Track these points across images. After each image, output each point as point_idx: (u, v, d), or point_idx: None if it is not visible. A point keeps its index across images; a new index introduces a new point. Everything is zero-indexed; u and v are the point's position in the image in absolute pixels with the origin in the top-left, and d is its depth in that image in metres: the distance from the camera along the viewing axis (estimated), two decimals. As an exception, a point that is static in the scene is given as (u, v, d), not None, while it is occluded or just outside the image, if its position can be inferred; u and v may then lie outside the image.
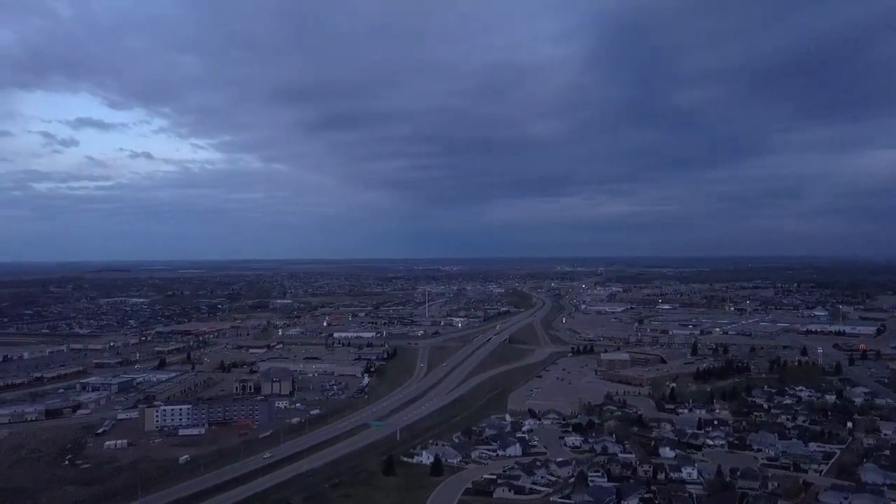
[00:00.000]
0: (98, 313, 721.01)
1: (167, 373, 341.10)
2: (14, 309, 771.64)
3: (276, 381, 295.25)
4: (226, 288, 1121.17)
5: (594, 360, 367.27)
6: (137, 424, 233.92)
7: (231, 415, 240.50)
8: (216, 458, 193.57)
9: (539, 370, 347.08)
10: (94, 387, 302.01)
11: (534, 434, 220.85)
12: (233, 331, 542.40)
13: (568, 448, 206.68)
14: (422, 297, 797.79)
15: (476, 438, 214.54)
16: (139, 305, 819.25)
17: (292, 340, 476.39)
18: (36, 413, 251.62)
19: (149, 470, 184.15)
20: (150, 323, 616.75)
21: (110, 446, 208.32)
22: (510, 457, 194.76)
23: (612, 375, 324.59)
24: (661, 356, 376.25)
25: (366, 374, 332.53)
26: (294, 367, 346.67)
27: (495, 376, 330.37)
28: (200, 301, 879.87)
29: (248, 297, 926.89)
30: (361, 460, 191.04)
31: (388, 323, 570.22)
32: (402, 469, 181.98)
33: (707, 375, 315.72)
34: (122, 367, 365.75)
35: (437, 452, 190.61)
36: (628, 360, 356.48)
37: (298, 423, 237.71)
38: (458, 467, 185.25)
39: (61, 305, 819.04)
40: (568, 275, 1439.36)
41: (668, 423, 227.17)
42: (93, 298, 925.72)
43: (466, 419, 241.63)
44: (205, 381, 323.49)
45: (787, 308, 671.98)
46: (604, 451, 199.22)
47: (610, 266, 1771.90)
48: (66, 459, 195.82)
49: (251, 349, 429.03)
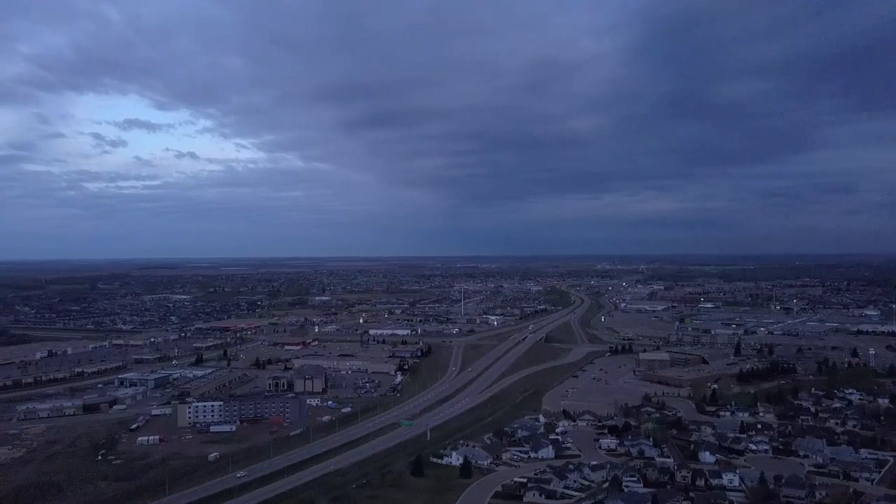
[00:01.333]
0: (141, 310, 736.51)
1: (203, 369, 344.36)
2: (62, 305, 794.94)
3: (309, 379, 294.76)
4: (266, 285, 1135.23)
5: (633, 360, 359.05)
6: (171, 420, 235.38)
7: (262, 412, 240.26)
8: (245, 456, 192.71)
9: (575, 370, 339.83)
10: (132, 382, 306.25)
11: (567, 436, 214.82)
12: (270, 327, 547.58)
13: (603, 451, 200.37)
14: (458, 295, 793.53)
15: (507, 440, 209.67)
16: (181, 302, 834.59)
17: (328, 337, 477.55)
18: (74, 408, 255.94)
19: (178, 467, 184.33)
20: (190, 319, 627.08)
21: (143, 442, 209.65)
22: (542, 459, 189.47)
23: (650, 376, 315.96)
24: (703, 356, 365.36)
25: (399, 372, 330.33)
26: (328, 365, 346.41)
27: (530, 376, 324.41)
28: (241, 298, 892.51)
29: (288, 295, 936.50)
30: (390, 460, 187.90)
31: (423, 320, 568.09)
32: (431, 470, 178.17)
33: (751, 377, 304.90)
34: (160, 363, 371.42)
35: (466, 454, 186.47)
36: (668, 360, 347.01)
37: (329, 421, 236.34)
38: (489, 469, 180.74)
39: (107, 302, 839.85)
40: (608, 273, 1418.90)
41: (708, 427, 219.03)
42: (137, 295, 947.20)
43: (498, 419, 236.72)
44: (239, 377, 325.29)
45: (836, 307, 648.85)
46: (640, 454, 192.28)
47: (651, 264, 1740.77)
48: (100, 454, 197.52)
49: (287, 346, 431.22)
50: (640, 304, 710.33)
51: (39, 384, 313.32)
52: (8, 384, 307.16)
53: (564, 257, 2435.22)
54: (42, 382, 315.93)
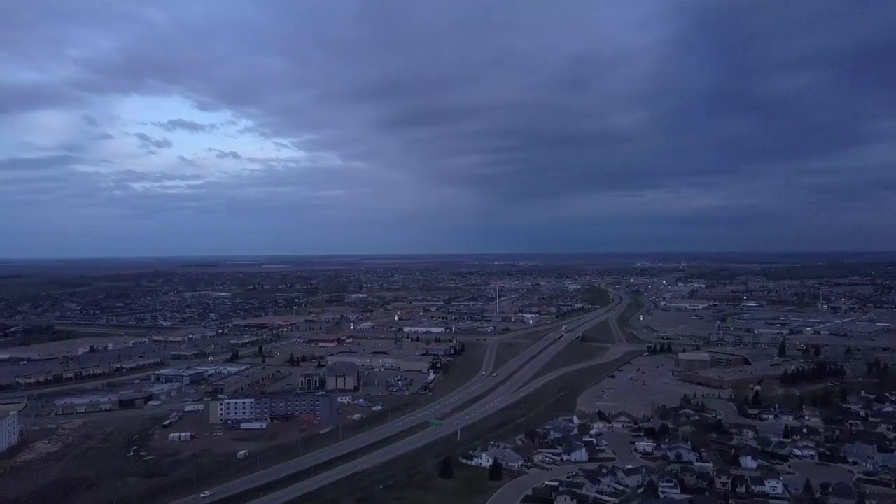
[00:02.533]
0: (182, 306, 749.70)
1: (238, 366, 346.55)
2: (107, 302, 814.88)
3: (341, 376, 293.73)
4: (304, 282, 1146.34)
5: (672, 360, 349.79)
6: (203, 417, 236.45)
7: (293, 410, 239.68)
8: (274, 454, 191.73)
9: (612, 370, 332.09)
10: (168, 378, 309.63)
11: (602, 438, 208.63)
12: (306, 324, 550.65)
13: (638, 454, 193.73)
14: (494, 293, 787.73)
15: (540, 441, 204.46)
16: (221, 299, 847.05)
17: (363, 335, 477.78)
18: (110, 403, 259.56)
19: (207, 464, 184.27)
20: (229, 316, 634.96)
21: (174, 438, 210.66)
22: (575, 462, 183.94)
23: (690, 376, 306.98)
24: (745, 357, 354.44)
25: (431, 370, 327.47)
26: (361, 362, 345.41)
27: (564, 375, 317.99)
28: (279, 295, 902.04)
29: (326, 292, 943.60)
30: (418, 461, 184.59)
31: (458, 318, 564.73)
32: (460, 471, 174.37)
33: (796, 379, 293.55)
34: (196, 360, 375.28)
35: (496, 455, 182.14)
36: (708, 361, 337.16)
37: (359, 419, 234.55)
38: (519, 471, 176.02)
39: (149, 299, 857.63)
40: (648, 271, 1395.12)
41: (750, 430, 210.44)
42: (179, 292, 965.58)
43: (531, 420, 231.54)
44: (272, 374, 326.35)
45: (888, 307, 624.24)
46: (678, 458, 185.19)
47: (692, 262, 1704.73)
48: (132, 450, 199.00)
49: (321, 343, 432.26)
50: (680, 303, 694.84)
51: (79, 379, 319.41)
52: (49, 379, 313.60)
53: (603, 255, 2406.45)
54: (82, 377, 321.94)
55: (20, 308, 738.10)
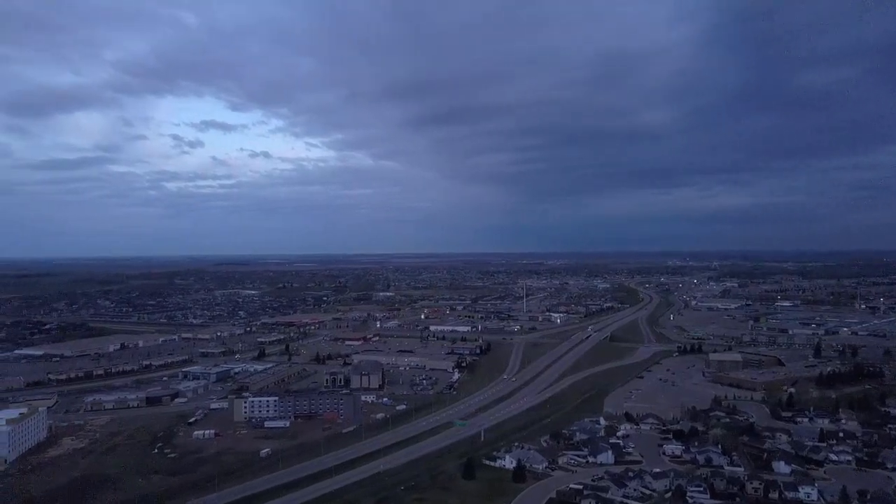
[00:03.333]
0: (212, 304, 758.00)
1: (264, 363, 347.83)
2: (140, 299, 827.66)
3: (366, 375, 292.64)
4: (333, 281, 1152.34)
5: (702, 361, 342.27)
6: (228, 415, 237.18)
7: (316, 408, 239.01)
8: (296, 453, 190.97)
9: (640, 370, 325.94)
10: (195, 376, 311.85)
11: (629, 440, 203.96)
12: (334, 322, 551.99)
13: (667, 457, 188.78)
14: (521, 292, 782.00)
15: (565, 443, 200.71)
16: (251, 297, 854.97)
17: (389, 333, 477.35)
18: (137, 400, 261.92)
19: (230, 462, 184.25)
20: (258, 314, 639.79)
21: (198, 436, 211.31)
22: (601, 465, 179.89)
23: (721, 378, 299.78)
24: (779, 358, 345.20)
25: (456, 370, 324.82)
26: (386, 360, 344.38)
27: (592, 376, 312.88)
28: (308, 293, 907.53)
29: (354, 290, 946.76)
30: (441, 461, 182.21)
31: (484, 317, 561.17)
32: (483, 473, 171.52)
33: (832, 381, 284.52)
34: (223, 357, 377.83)
35: (520, 456, 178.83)
36: (740, 361, 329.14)
37: (382, 418, 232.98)
38: (543, 474, 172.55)
39: (181, 297, 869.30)
40: (679, 269, 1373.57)
41: (784, 434, 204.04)
42: (210, 290, 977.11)
43: (557, 421, 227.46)
44: (298, 372, 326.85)
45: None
46: (707, 462, 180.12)
47: (724, 261, 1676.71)
48: (156, 447, 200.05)
49: (347, 341, 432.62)
50: (711, 302, 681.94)
51: (109, 376, 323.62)
52: (80, 375, 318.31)
53: (633, 254, 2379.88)
54: (111, 374, 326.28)
55: (56, 305, 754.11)
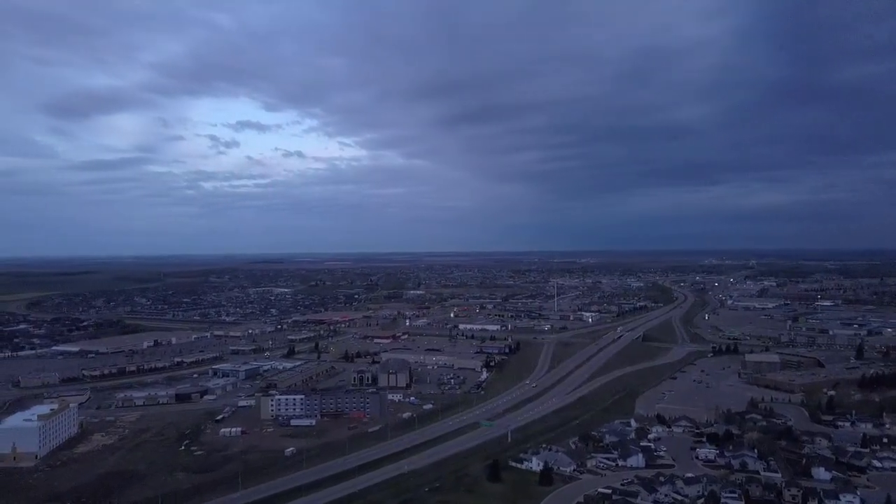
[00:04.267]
0: (245, 302, 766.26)
1: (293, 361, 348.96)
2: (175, 297, 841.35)
3: (393, 373, 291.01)
4: (364, 279, 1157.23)
5: (738, 362, 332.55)
6: (255, 412, 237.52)
7: (343, 406, 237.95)
8: (321, 452, 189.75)
9: (673, 371, 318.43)
10: (224, 373, 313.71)
11: (661, 443, 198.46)
12: (364, 320, 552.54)
13: (700, 462, 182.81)
14: (553, 291, 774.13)
15: (594, 445, 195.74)
16: (283, 295, 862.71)
17: (418, 331, 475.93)
18: (167, 397, 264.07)
19: (255, 460, 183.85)
20: (289, 312, 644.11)
21: (225, 433, 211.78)
22: (631, 468, 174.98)
23: (757, 379, 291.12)
24: (818, 359, 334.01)
25: (485, 369, 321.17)
26: (414, 359, 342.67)
27: (623, 376, 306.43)
28: (339, 291, 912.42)
29: (385, 288, 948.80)
30: (466, 463, 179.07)
31: (515, 316, 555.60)
32: (509, 475, 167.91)
33: (875, 383, 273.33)
34: (253, 355, 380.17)
35: (547, 459, 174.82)
36: (778, 363, 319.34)
37: (409, 418, 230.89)
38: (571, 477, 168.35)
39: (215, 294, 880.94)
40: (715, 268, 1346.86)
41: (824, 439, 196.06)
42: (244, 288, 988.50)
43: (586, 423, 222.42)
44: (327, 370, 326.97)
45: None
46: (743, 467, 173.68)
47: (762, 259, 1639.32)
48: (183, 444, 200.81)
49: (376, 339, 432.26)
50: (748, 302, 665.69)
51: (141, 372, 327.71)
52: (113, 372, 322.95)
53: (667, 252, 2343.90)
54: (143, 371, 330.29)
55: (95, 303, 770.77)
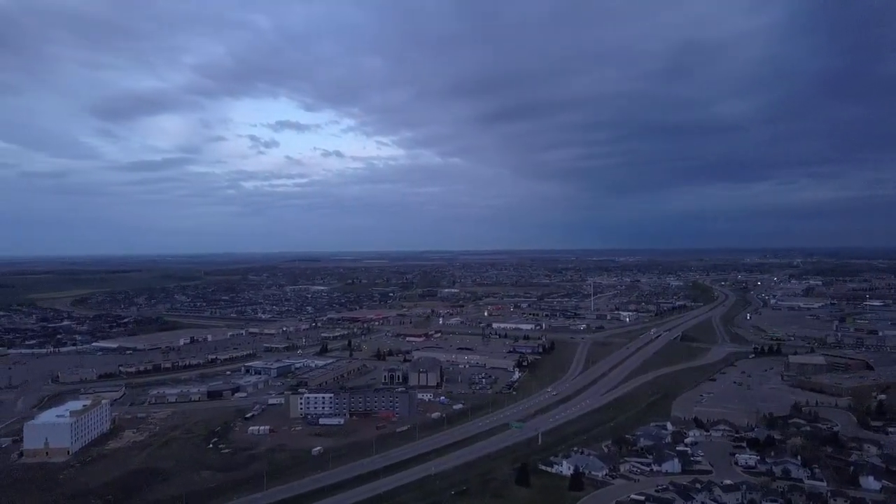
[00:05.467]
0: (282, 300, 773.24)
1: (325, 359, 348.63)
2: (214, 295, 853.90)
3: (424, 372, 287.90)
4: (400, 277, 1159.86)
5: (781, 363, 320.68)
6: (284, 410, 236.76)
7: (372, 406, 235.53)
8: (348, 452, 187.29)
9: (713, 372, 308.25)
10: (256, 370, 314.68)
11: (698, 448, 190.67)
12: (397, 318, 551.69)
13: (739, 468, 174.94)
14: (590, 289, 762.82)
15: (628, 449, 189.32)
16: (319, 293, 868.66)
17: (451, 329, 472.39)
18: (199, 394, 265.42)
19: (281, 459, 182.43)
20: (325, 310, 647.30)
21: (253, 431, 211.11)
22: (666, 473, 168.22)
23: (802, 382, 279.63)
24: (867, 361, 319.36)
25: (517, 369, 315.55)
26: (446, 358, 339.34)
27: (661, 377, 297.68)
28: (375, 289, 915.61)
29: (419, 287, 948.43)
30: (495, 465, 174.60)
31: (550, 315, 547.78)
32: (539, 479, 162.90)
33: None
34: (287, 352, 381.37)
35: (578, 462, 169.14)
36: (824, 365, 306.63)
37: (438, 417, 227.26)
38: (603, 482, 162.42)
39: (253, 292, 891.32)
40: (758, 267, 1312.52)
41: (873, 446, 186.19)
42: (281, 286, 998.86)
43: (620, 425, 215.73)
44: (358, 368, 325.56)
45: None
46: (785, 475, 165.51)
47: (808, 257, 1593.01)
48: (211, 442, 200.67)
49: (409, 337, 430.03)
50: (792, 301, 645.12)
51: (176, 369, 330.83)
52: (148, 368, 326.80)
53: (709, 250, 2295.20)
54: (178, 368, 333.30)
55: (137, 300, 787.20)
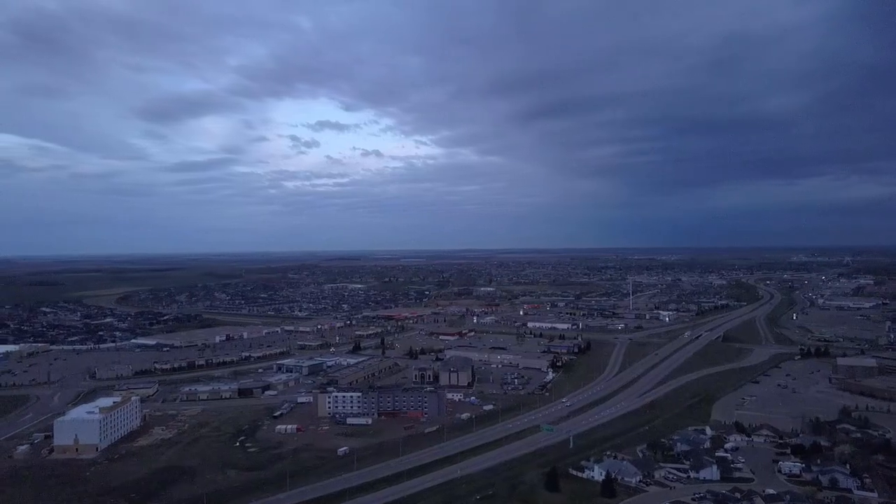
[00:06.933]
0: (319, 298, 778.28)
1: (357, 357, 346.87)
2: (253, 293, 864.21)
3: (455, 372, 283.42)
4: (436, 275, 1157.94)
5: (829, 366, 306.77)
6: (313, 409, 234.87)
7: (400, 405, 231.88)
8: (374, 453, 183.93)
9: (756, 374, 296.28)
10: (288, 368, 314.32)
11: (739, 454, 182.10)
12: (432, 317, 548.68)
13: (783, 476, 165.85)
14: (629, 288, 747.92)
15: (664, 454, 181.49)
16: (356, 291, 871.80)
17: (485, 328, 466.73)
18: (230, 391, 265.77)
19: (306, 459, 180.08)
20: (360, 308, 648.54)
21: (280, 430, 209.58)
22: (704, 481, 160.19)
23: (851, 385, 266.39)
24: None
25: (551, 369, 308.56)
26: (478, 357, 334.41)
27: (700, 379, 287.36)
28: (411, 288, 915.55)
29: (456, 285, 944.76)
30: (523, 469, 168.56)
31: (587, 314, 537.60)
32: (569, 484, 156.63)
33: None
34: (320, 350, 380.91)
35: (610, 468, 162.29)
36: (875, 367, 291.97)
37: (467, 418, 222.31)
38: (636, 489, 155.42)
39: (291, 290, 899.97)
40: (805, 265, 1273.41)
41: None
42: (319, 284, 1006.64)
43: (656, 429, 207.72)
44: (390, 366, 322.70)
45: None
46: (833, 484, 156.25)
47: (858, 256, 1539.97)
48: (238, 441, 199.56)
49: (442, 336, 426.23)
50: (842, 301, 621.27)
51: (209, 366, 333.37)
52: (183, 365, 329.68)
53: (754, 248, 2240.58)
54: (212, 365, 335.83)
55: (178, 298, 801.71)
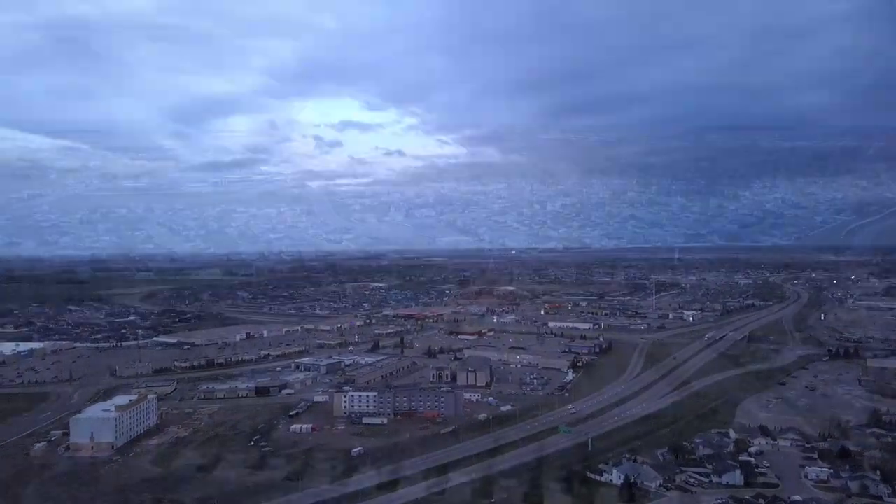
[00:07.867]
0: (341, 296, 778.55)
1: (375, 356, 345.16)
2: (275, 291, 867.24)
3: (472, 372, 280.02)
4: (458, 274, 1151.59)
5: (859, 367, 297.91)
6: (329, 408, 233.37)
7: (417, 405, 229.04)
8: (387, 454, 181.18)
9: (782, 376, 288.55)
10: (306, 367, 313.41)
11: (763, 458, 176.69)
12: (452, 316, 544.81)
13: (810, 482, 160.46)
14: (652, 288, 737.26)
15: (685, 457, 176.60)
16: (377, 290, 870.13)
17: (504, 328, 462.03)
18: (247, 390, 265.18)
19: (319, 460, 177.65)
20: (381, 306, 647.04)
21: (295, 430, 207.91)
22: (727, 486, 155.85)
23: (882, 388, 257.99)
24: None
25: (571, 369, 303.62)
26: (497, 357, 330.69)
27: (723, 381, 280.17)
28: (432, 286, 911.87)
29: (478, 284, 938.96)
30: (539, 472, 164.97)
31: (609, 314, 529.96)
32: (586, 488, 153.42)
33: None
34: (338, 349, 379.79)
35: (629, 471, 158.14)
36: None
37: (484, 419, 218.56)
38: (656, 493, 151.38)
39: (313, 289, 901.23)
40: (834, 264, 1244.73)
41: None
42: (341, 283, 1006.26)
43: (677, 432, 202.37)
44: (408, 366, 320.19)
45: None
46: (863, 491, 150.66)
47: (891, 254, 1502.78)
48: (253, 440, 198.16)
49: (461, 335, 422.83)
50: (873, 301, 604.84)
51: (228, 365, 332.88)
52: (202, 363, 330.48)
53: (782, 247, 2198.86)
54: (230, 363, 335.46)
55: (201, 296, 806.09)
